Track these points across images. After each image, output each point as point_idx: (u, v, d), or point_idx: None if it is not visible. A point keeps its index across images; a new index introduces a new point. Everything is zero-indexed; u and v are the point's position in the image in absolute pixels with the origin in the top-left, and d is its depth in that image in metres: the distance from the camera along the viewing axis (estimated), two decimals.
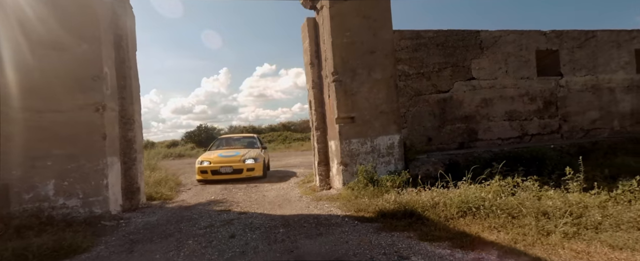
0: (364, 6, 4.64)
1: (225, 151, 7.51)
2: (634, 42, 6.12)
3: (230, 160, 6.81)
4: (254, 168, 6.81)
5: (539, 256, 1.91)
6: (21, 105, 3.48)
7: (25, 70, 3.49)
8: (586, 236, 2.13)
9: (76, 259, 2.50)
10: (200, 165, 6.71)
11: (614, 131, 5.92)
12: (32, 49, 3.51)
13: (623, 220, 2.28)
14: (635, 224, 2.22)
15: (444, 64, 5.36)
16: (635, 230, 2.15)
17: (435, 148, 5.25)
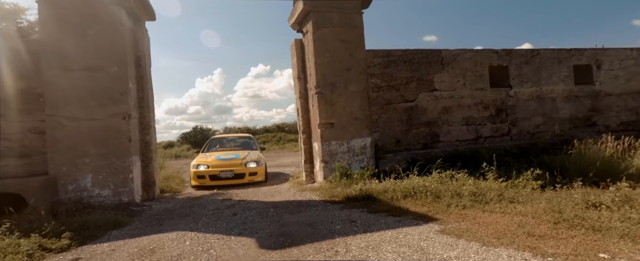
0: (342, 32, 5.71)
1: (224, 153, 7.09)
2: (572, 59, 7.31)
3: (231, 164, 6.40)
4: (256, 172, 6.44)
5: (436, 217, 2.98)
6: (65, 115, 4.45)
7: (70, 88, 4.46)
8: (475, 207, 3.21)
9: (122, 229, 3.49)
10: (196, 170, 6.24)
11: (555, 134, 7.09)
12: (75, 71, 4.48)
13: (505, 197, 3.38)
14: (512, 199, 3.32)
15: (410, 78, 6.45)
16: (509, 203, 3.25)
17: (403, 149, 6.34)
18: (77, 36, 4.53)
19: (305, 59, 6.08)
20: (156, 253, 2.63)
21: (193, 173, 6.32)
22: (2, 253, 2.59)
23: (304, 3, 5.57)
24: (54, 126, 4.43)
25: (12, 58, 4.52)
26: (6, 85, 4.47)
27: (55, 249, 2.82)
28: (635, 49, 7.72)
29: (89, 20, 4.58)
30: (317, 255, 2.30)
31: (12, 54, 4.54)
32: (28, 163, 4.53)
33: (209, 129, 26.52)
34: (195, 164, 6.48)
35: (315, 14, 5.62)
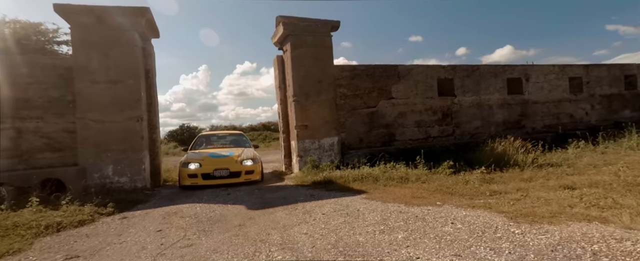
0: (315, 51, 7.20)
1: (216, 150, 6.85)
2: (506, 73, 9.08)
3: (226, 161, 6.12)
4: (253, 170, 6.21)
5: (367, 191, 4.51)
6: (92, 118, 5.74)
7: (95, 96, 5.75)
8: (397, 185, 4.77)
9: (145, 204, 4.85)
10: (187, 168, 5.90)
11: (490, 135, 8.82)
12: (100, 83, 5.77)
13: (421, 179, 4.96)
14: (423, 180, 4.90)
15: (372, 88, 8.01)
16: (421, 182, 4.82)
17: (365, 146, 7.89)
18: (102, 55, 5.82)
19: (285, 72, 7.53)
20: (178, 213, 4.04)
21: (183, 172, 5.92)
22: (74, 214, 3.94)
23: (284, 28, 7.02)
24: (83, 127, 5.71)
25: (48, 72, 5.76)
26: (44, 94, 5.71)
27: (105, 213, 4.18)
28: (557, 65, 9.59)
29: (111, 43, 5.87)
30: (284, 210, 3.78)
31: (49, 68, 5.78)
32: (61, 156, 5.80)
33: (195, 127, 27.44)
34: (184, 162, 6.05)
35: (293, 36, 7.08)
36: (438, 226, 2.69)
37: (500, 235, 2.37)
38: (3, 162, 5.44)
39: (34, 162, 5.65)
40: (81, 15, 5.75)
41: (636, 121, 9.57)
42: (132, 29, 6.05)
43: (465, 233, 2.47)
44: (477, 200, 3.47)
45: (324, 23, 7.30)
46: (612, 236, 2.16)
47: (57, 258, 2.64)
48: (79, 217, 3.86)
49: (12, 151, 5.56)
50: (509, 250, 2.08)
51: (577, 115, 9.75)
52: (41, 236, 3.27)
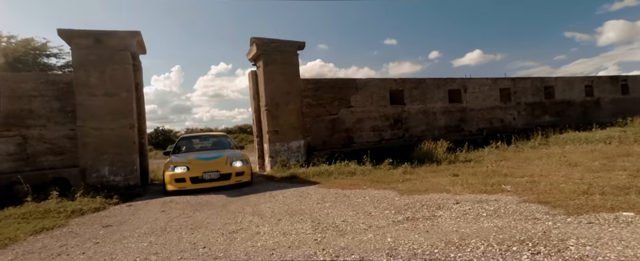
0: (284, 68, 8.67)
1: (203, 153, 6.84)
2: (448, 85, 11.02)
3: (215, 164, 6.07)
4: (243, 171, 6.21)
5: (320, 182, 6.04)
6: (91, 126, 6.87)
7: (94, 107, 6.88)
8: (345, 178, 6.34)
9: (142, 197, 6.08)
10: (173, 172, 5.84)
11: (434, 137, 10.69)
12: (98, 96, 6.91)
13: (365, 173, 6.57)
14: (366, 174, 6.51)
15: (334, 98, 9.60)
16: (363, 175, 6.43)
17: (328, 148, 9.46)
18: (99, 72, 6.96)
19: (258, 84, 8.95)
20: (173, 201, 5.35)
21: (169, 176, 5.85)
22: (88, 203, 5.15)
23: (257, 47, 8.45)
24: (83, 133, 6.83)
25: (51, 86, 6.82)
26: (47, 105, 6.77)
27: (113, 203, 5.41)
28: (490, 78, 11.70)
29: (107, 61, 7.03)
30: (255, 196, 5.23)
31: (51, 83, 6.83)
32: (62, 158, 6.87)
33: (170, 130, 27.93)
34: (170, 166, 6.01)
35: (265, 55, 8.52)
36: (354, 199, 4.25)
37: (387, 201, 3.95)
38: (12, 164, 6.45)
39: (38, 164, 6.69)
40: (81, 38, 6.88)
41: (554, 124, 11.88)
42: (126, 49, 7.23)
43: (368, 201, 4.04)
44: (391, 184, 5.10)
45: (292, 43, 8.81)
46: (448, 198, 3.79)
47: (95, 227, 3.93)
48: (94, 205, 5.09)
49: (19, 155, 6.58)
50: (387, 207, 3.65)
51: (507, 120, 11.91)
52: (72, 218, 4.50)
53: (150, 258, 2.65)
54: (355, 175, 6.59)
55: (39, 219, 4.34)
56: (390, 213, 3.35)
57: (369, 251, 2.35)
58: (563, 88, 12.98)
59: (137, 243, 3.09)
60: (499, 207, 3.19)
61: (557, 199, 3.24)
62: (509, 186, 4.09)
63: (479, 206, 3.27)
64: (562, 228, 2.43)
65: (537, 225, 2.55)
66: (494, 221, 2.76)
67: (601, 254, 1.93)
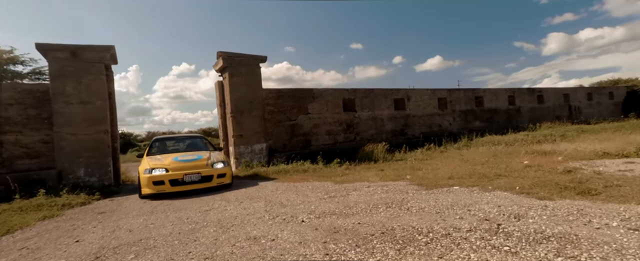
0: (247, 79, 10.00)
1: (181, 155, 6.76)
2: (394, 94, 13.00)
3: (196, 166, 6.07)
4: (225, 173, 6.27)
5: (278, 179, 7.48)
6: (67, 132, 7.70)
7: (70, 114, 7.71)
8: (299, 175, 7.83)
9: (119, 194, 7.09)
10: (151, 175, 5.81)
11: (382, 140, 12.57)
12: (74, 104, 7.75)
13: (316, 171, 8.12)
14: (317, 171, 8.06)
15: (293, 106, 11.08)
16: (313, 172, 7.97)
17: (288, 150, 10.90)
18: (75, 82, 7.82)
19: (224, 94, 10.18)
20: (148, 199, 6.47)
21: (146, 179, 5.81)
22: (75, 199, 6.12)
23: (223, 61, 9.69)
24: (60, 138, 7.64)
25: (27, 95, 7.55)
26: (23, 112, 7.50)
27: (95, 199, 6.41)
28: (429, 89, 13.90)
29: (83, 72, 7.90)
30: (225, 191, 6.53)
31: (27, 92, 7.56)
32: (37, 162, 7.62)
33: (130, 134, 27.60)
34: (147, 168, 5.97)
35: (230, 67, 9.79)
36: (300, 188, 5.74)
37: (323, 188, 5.49)
38: None
39: (14, 167, 7.40)
40: (58, 51, 7.70)
41: (483, 129, 14.36)
42: (100, 62, 8.14)
43: (309, 189, 5.56)
44: (332, 178, 6.67)
45: (255, 57, 10.17)
46: (365, 184, 5.40)
47: (91, 214, 5.03)
48: (79, 200, 6.08)
49: None
50: (321, 191, 5.17)
51: (444, 125, 14.19)
52: (64, 210, 5.50)
53: (149, 226, 3.92)
54: (307, 172, 8.10)
55: (36, 211, 5.31)
56: (321, 195, 4.89)
57: (298, 213, 3.84)
58: (490, 98, 15.63)
59: (134, 220, 4.32)
60: (392, 188, 4.86)
61: (428, 182, 4.99)
62: (409, 176, 5.84)
63: (380, 188, 4.92)
64: (415, 196, 4.11)
65: (403, 195, 4.22)
66: (382, 195, 4.39)
67: (422, 206, 3.59)
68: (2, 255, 3.23)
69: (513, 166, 5.61)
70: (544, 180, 4.17)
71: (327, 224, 3.23)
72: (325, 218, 3.45)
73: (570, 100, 18.21)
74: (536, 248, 2.18)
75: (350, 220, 3.28)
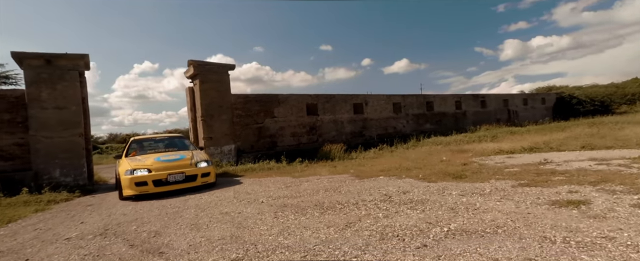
0: (217, 85, 11.03)
1: (163, 155, 6.78)
2: (353, 100, 14.59)
3: (179, 165, 6.16)
4: (209, 172, 6.38)
5: (245, 176, 8.65)
6: (43, 135, 8.31)
7: (45, 119, 8.34)
8: (264, 173, 9.05)
9: (97, 192, 7.88)
10: (133, 176, 5.82)
11: (342, 141, 14.09)
12: (49, 109, 8.38)
13: (280, 168, 9.38)
14: (279, 168, 9.33)
15: (260, 110, 12.25)
16: (277, 170, 9.23)
17: (255, 151, 12.05)
18: (50, 88, 8.45)
19: (194, 99, 11.13)
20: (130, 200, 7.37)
21: (128, 180, 5.84)
22: (57, 197, 6.90)
23: (194, 68, 10.66)
24: (35, 141, 8.25)
25: (1, 100, 8.08)
26: None
27: (76, 196, 7.20)
28: (385, 95, 15.69)
29: (57, 79, 8.55)
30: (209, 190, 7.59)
31: (1, 97, 8.09)
32: (12, 163, 8.17)
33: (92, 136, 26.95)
34: (128, 170, 6.00)
35: (201, 74, 10.77)
36: (264, 182, 6.99)
37: (283, 181, 6.77)
38: None
39: None
40: (33, 59, 8.30)
41: (433, 131, 16.40)
42: (74, 69, 8.82)
43: (271, 182, 6.82)
44: (292, 174, 7.97)
45: (223, 66, 11.23)
46: (316, 177, 6.76)
47: (80, 207, 5.92)
48: (62, 197, 6.87)
49: None
50: (280, 183, 6.44)
51: (398, 127, 16.05)
52: (51, 205, 6.30)
53: (139, 211, 4.98)
54: (272, 170, 9.35)
55: (25, 206, 6.08)
56: (279, 186, 6.19)
57: (259, 197, 5.10)
58: (440, 103, 17.81)
59: (123, 208, 5.34)
60: (335, 179, 6.27)
61: (364, 174, 6.48)
62: (352, 170, 7.32)
63: (326, 180, 6.32)
64: (348, 184, 5.55)
65: (340, 183, 5.64)
66: (325, 184, 5.77)
67: (350, 189, 5.00)
68: (21, 233, 4.17)
69: (432, 161, 7.28)
70: (442, 170, 5.79)
71: (279, 203, 4.54)
72: (279, 200, 4.76)
73: (509, 105, 21.02)
74: (404, 207, 3.63)
75: (297, 200, 4.61)
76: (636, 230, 2.38)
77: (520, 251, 2.17)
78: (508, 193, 3.77)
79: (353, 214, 3.54)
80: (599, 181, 3.93)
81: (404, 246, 2.48)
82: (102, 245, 3.30)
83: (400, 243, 2.54)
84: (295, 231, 3.14)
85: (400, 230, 2.83)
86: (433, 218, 3.08)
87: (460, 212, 3.18)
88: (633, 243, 2.15)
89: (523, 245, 2.25)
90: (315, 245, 2.70)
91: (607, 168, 4.72)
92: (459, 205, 3.46)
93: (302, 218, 3.59)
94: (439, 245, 2.43)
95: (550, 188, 3.83)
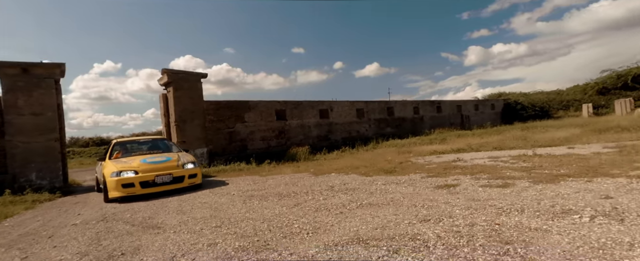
0: (190, 92, 11.94)
1: (149, 156, 6.93)
2: (319, 105, 16.00)
3: (166, 167, 6.30)
4: (196, 173, 6.62)
5: (218, 175, 9.70)
6: (19, 140, 8.86)
7: (21, 124, 8.89)
8: (235, 173, 10.14)
9: (76, 193, 8.59)
10: (120, 178, 5.99)
11: (309, 144, 15.41)
12: (25, 115, 8.95)
13: (251, 169, 10.51)
14: (250, 169, 10.47)
15: (231, 115, 13.27)
16: (247, 171, 10.36)
17: (227, 153, 13.05)
18: (27, 96, 9.02)
19: (168, 105, 11.97)
20: None
21: (115, 182, 5.97)
22: (40, 197, 7.59)
23: (168, 77, 11.52)
24: (12, 146, 8.78)
25: None
26: None
27: (57, 196, 7.91)
28: (349, 101, 17.27)
29: (34, 86, 9.13)
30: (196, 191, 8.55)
31: None
32: None
33: None
34: (114, 171, 6.15)
35: (174, 82, 11.65)
36: (234, 181, 8.12)
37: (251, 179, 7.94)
38: None
39: None
40: (9, 68, 8.85)
41: (393, 134, 18.18)
42: (50, 77, 9.43)
43: (241, 180, 7.97)
44: (260, 174, 9.15)
45: (196, 74, 12.18)
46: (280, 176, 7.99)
47: (68, 204, 6.73)
48: (45, 198, 7.58)
49: None
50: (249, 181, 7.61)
51: (361, 131, 17.68)
52: (37, 204, 7.03)
53: (129, 204, 5.95)
54: (242, 170, 10.46)
55: (13, 205, 6.78)
56: (249, 182, 7.36)
57: (231, 191, 6.26)
58: (400, 109, 19.71)
59: (112, 203, 6.26)
60: (296, 176, 7.56)
61: (321, 172, 7.83)
62: (312, 169, 8.66)
63: (288, 177, 7.59)
64: (306, 179, 6.87)
65: (299, 179, 6.94)
66: (287, 180, 7.04)
67: (305, 183, 6.30)
68: (27, 224, 5.05)
69: (379, 161, 8.79)
70: (381, 168, 7.27)
71: (247, 194, 5.75)
72: (247, 192, 5.96)
73: (462, 110, 23.49)
74: (340, 193, 4.99)
75: (261, 192, 5.84)
76: (467, 197, 3.89)
77: (393, 211, 3.57)
78: (415, 182, 5.25)
79: (302, 198, 4.85)
80: (478, 172, 5.53)
81: (329, 213, 3.82)
82: (107, 227, 4.34)
83: (327, 212, 3.87)
84: (258, 210, 4.39)
85: (330, 206, 4.17)
86: (355, 198, 4.46)
87: (375, 194, 4.59)
88: (458, 204, 3.62)
89: (397, 209, 3.66)
90: (271, 216, 3.96)
91: (493, 163, 6.40)
92: (377, 190, 4.88)
93: (264, 203, 4.84)
94: (351, 212, 3.79)
95: (444, 178, 5.37)
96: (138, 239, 3.55)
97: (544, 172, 4.97)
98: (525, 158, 6.59)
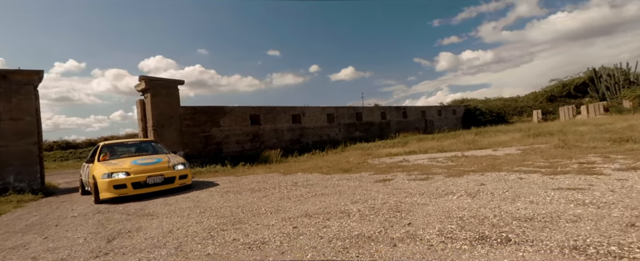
0: (167, 98, 12.71)
1: (140, 158, 7.08)
2: (292, 111, 17.15)
3: (157, 168, 6.50)
4: (186, 174, 6.87)
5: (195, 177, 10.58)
6: None
7: (2, 130, 9.35)
8: (213, 174, 11.06)
9: (58, 194, 9.18)
10: (111, 179, 6.14)
11: (282, 147, 16.50)
12: (4, 120, 9.42)
13: (229, 170, 11.47)
14: (226, 170, 11.42)
15: (207, 120, 14.12)
16: (222, 172, 11.31)
17: (203, 156, 13.86)
18: (6, 102, 9.50)
19: (145, 110, 12.66)
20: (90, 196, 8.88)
21: (106, 183, 6.08)
22: (24, 198, 8.18)
23: (146, 83, 12.24)
24: None
25: None
26: None
27: (39, 197, 8.51)
28: (320, 107, 18.57)
29: (14, 93, 9.62)
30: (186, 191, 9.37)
31: None
32: None
33: None
34: (105, 173, 6.27)
35: (152, 89, 12.38)
36: (212, 180, 9.10)
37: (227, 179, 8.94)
38: None
39: None
40: None
41: (362, 138, 19.65)
42: (29, 83, 9.94)
43: (219, 181, 8.96)
44: (235, 175, 10.15)
45: (173, 81, 12.97)
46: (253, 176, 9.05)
47: (54, 203, 7.43)
48: (29, 198, 8.17)
49: None
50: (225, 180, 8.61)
51: (332, 135, 19.01)
52: (23, 203, 7.65)
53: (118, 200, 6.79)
54: (218, 172, 11.39)
55: (0, 204, 7.37)
56: (225, 181, 8.37)
57: (209, 187, 7.27)
58: (368, 114, 21.28)
59: None
60: (267, 176, 8.66)
61: (289, 172, 8.99)
62: (282, 170, 9.80)
63: (260, 176, 8.68)
64: (275, 178, 8.00)
65: (269, 178, 8.06)
66: (259, 179, 8.13)
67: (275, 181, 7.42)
68: (25, 218, 5.81)
69: (341, 162, 10.09)
70: (341, 168, 8.55)
71: (224, 190, 6.79)
72: (224, 188, 7.01)
73: (426, 116, 25.53)
74: (301, 187, 6.16)
75: (236, 188, 6.91)
76: (393, 187, 5.22)
77: (336, 198, 4.82)
78: (362, 178, 6.56)
79: (270, 192, 5.99)
80: (413, 170, 6.94)
81: (289, 200, 4.99)
82: (106, 216, 5.26)
83: (288, 200, 5.05)
84: (233, 200, 5.48)
85: (292, 196, 5.35)
86: (312, 191, 5.67)
87: (328, 187, 5.83)
88: (383, 192, 4.93)
89: (340, 197, 4.91)
90: (244, 204, 5.08)
91: (429, 163, 7.86)
92: (331, 185, 6.13)
93: (239, 196, 5.93)
94: (306, 199, 4.99)
95: (386, 174, 6.72)
96: (137, 223, 4.54)
97: (459, 169, 6.44)
98: (454, 158, 8.11)
